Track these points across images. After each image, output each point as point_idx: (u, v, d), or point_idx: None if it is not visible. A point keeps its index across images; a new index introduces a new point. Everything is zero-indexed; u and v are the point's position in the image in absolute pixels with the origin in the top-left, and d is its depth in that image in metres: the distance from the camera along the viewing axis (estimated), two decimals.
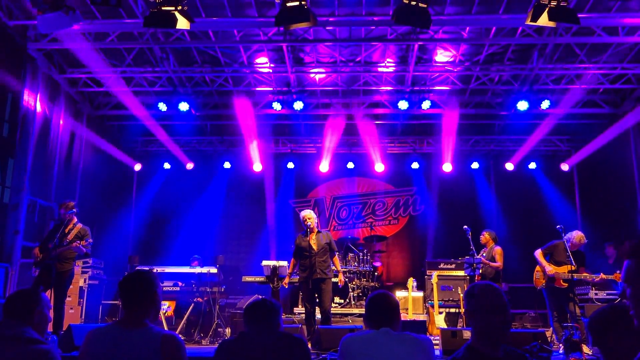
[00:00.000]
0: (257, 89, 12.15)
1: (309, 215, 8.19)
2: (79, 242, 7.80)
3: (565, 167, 13.34)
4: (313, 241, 8.06)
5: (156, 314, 3.10)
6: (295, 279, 9.74)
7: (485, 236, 9.43)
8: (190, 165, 14.07)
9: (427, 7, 7.20)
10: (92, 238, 8.27)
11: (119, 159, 13.21)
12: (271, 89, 12.02)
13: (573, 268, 7.84)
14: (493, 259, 9.08)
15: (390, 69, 11.47)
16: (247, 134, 13.01)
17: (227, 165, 14.12)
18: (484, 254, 9.26)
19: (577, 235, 8.14)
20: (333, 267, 8.33)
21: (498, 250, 9.18)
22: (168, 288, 10.26)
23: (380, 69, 11.47)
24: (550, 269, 8.07)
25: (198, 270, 10.24)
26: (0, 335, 2.90)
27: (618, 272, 8.00)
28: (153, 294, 3.04)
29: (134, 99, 11.88)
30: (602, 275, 8.02)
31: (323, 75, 11.86)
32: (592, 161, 12.73)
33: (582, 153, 12.70)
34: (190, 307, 9.84)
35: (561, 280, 8.00)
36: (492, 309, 2.58)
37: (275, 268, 9.15)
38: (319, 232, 8.23)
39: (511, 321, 2.67)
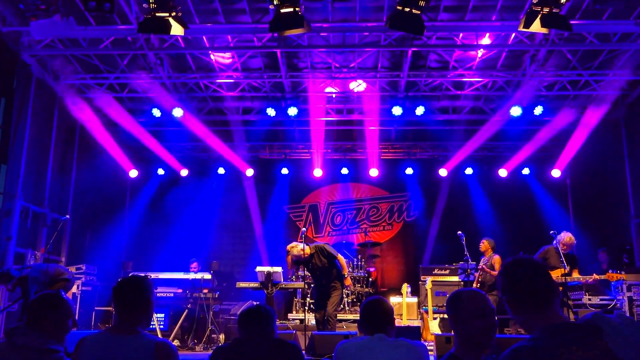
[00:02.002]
0: (251, 94, 12.16)
1: (298, 250, 7.99)
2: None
3: (557, 172, 13.37)
4: (315, 262, 8.08)
5: (149, 320, 3.08)
6: (290, 284, 9.75)
7: (484, 244, 9.49)
8: (184, 172, 14.04)
9: (421, 13, 7.25)
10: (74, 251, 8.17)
11: (113, 165, 13.16)
12: (265, 94, 12.03)
13: (565, 271, 7.89)
14: (492, 267, 9.13)
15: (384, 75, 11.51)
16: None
17: (221, 171, 14.11)
18: (484, 262, 9.30)
19: (566, 236, 8.23)
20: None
21: (497, 258, 9.25)
22: (162, 294, 10.22)
23: (374, 75, 11.50)
24: None
25: (192, 276, 10.21)
26: (11, 342, 2.87)
27: (610, 271, 8.07)
28: (147, 300, 3.02)
29: (128, 105, 11.86)
30: (595, 276, 8.07)
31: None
32: (585, 167, 12.78)
33: (569, 151, 12.68)
34: (184, 313, 9.80)
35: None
36: (480, 313, 2.57)
37: (269, 274, 9.12)
38: (312, 254, 8.07)
39: (496, 327, 2.67)
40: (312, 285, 8.84)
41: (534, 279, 2.20)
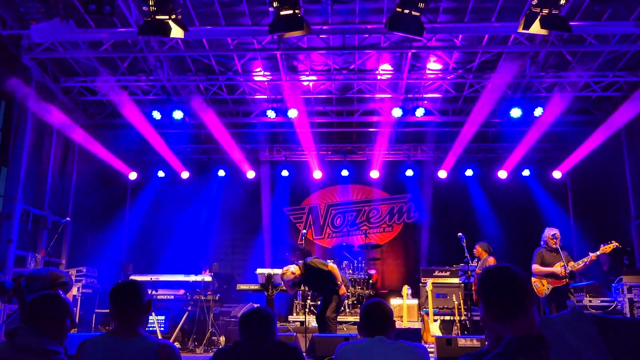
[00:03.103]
0: (251, 97, 12.18)
1: (289, 274, 7.86)
2: None
3: (557, 174, 13.38)
4: (308, 280, 7.96)
5: (146, 321, 3.11)
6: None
7: (477, 249, 9.59)
8: (185, 174, 14.04)
9: (420, 15, 7.26)
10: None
11: (113, 167, 13.17)
12: (265, 97, 12.05)
13: (563, 263, 8.02)
14: None
15: (384, 77, 11.51)
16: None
17: (221, 173, 14.11)
18: (478, 265, 9.34)
19: (546, 235, 8.36)
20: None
21: (491, 260, 9.30)
22: (162, 296, 10.22)
23: (373, 77, 11.51)
24: (550, 269, 8.16)
25: (192, 278, 10.21)
26: (12, 342, 2.87)
27: (603, 245, 8.08)
28: (147, 303, 3.05)
29: (129, 107, 11.86)
30: (592, 255, 8.07)
31: (313, 82, 11.90)
32: (585, 169, 12.78)
33: (573, 159, 12.72)
34: (185, 316, 9.80)
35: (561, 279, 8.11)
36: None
37: (269, 276, 9.14)
38: (303, 273, 7.86)
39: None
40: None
41: (502, 290, 2.15)
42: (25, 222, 10.15)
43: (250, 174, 13.93)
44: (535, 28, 7.23)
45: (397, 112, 11.43)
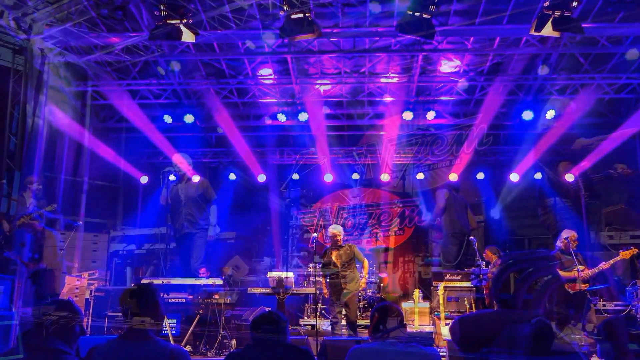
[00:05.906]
0: (262, 100, 12.20)
1: (333, 232, 8.67)
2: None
3: (570, 177, 13.26)
4: (335, 257, 8.31)
5: (160, 325, 3.11)
6: (301, 289, 9.76)
7: (487, 253, 9.59)
8: (196, 178, 14.05)
9: (431, 17, 7.25)
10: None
11: (124, 171, 13.23)
12: (276, 100, 12.06)
13: (578, 267, 8.10)
14: None
15: (395, 80, 11.48)
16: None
17: (232, 176, 14.13)
18: (489, 269, 9.31)
19: (562, 238, 8.39)
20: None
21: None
22: (174, 300, 10.23)
23: (384, 80, 11.49)
24: (570, 274, 8.16)
25: (204, 281, 10.22)
26: (27, 343, 2.91)
27: (622, 250, 8.13)
28: (157, 305, 3.06)
29: (140, 111, 11.92)
30: (610, 261, 8.16)
31: (328, 87, 11.89)
32: (598, 170, 12.65)
33: (587, 162, 12.62)
34: (196, 319, 9.81)
35: (578, 285, 8.08)
36: None
37: (280, 279, 9.12)
38: (340, 247, 8.56)
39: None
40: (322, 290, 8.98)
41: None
42: None
43: (261, 178, 13.94)
44: (548, 30, 7.20)
45: (408, 115, 11.40)
